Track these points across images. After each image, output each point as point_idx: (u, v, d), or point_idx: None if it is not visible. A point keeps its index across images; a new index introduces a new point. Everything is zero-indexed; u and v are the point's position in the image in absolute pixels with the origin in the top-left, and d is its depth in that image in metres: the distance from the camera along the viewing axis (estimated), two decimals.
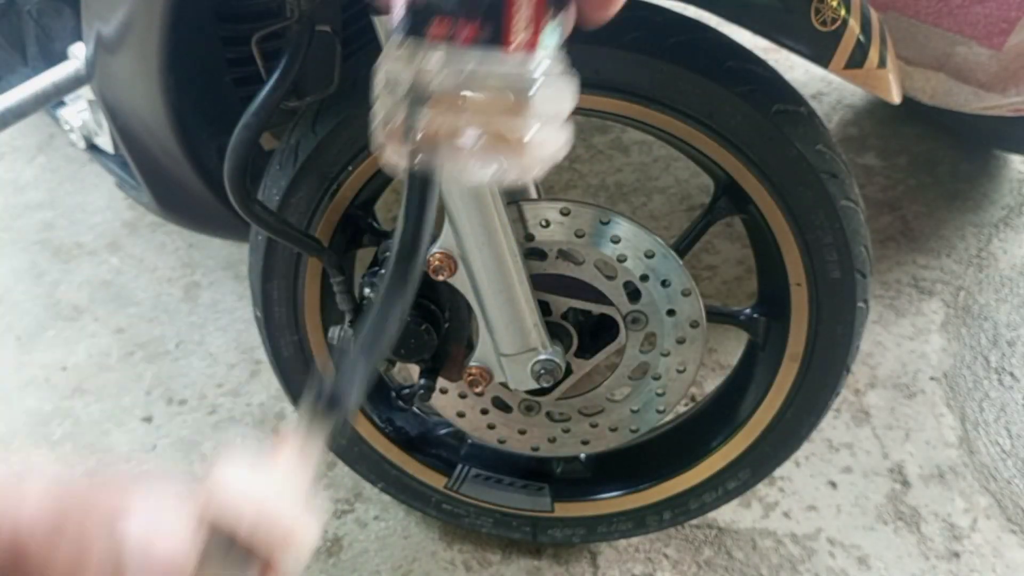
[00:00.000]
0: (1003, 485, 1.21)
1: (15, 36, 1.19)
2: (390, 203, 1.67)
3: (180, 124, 0.93)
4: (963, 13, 1.14)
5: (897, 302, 1.45)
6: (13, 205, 1.75)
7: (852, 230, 0.83)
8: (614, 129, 1.77)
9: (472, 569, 1.17)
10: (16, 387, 1.43)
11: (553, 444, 0.99)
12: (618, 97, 0.79)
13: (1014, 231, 1.54)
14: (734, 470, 1.01)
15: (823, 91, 1.83)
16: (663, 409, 0.94)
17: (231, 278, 1.57)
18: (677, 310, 0.87)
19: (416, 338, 0.87)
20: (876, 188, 1.63)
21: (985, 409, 1.29)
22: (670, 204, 1.63)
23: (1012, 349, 1.36)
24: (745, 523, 1.19)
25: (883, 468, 1.24)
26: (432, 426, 1.12)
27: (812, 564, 1.15)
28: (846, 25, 0.69)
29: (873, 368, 1.36)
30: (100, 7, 0.88)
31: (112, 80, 0.96)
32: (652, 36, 0.77)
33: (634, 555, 1.16)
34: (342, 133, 0.83)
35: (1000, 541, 1.15)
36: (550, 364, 0.86)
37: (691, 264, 1.44)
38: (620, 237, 0.84)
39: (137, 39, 0.86)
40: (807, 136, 0.80)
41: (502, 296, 0.82)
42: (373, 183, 0.89)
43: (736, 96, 0.77)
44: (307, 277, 0.93)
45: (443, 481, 1.09)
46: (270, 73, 0.71)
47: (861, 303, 0.88)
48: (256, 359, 1.43)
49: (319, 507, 0.46)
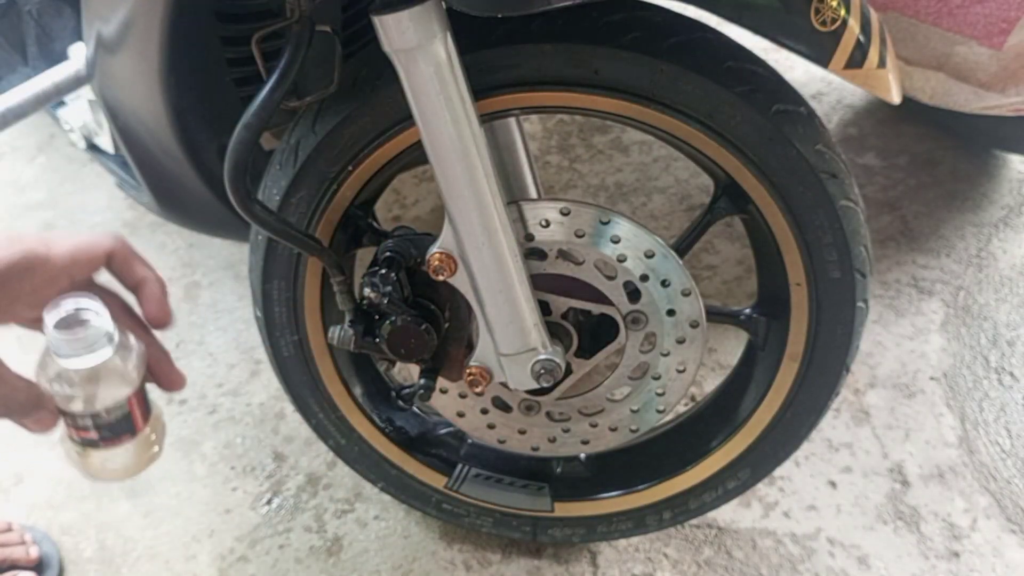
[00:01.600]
0: (1003, 485, 1.21)
1: (15, 36, 1.19)
2: (390, 203, 1.68)
3: (180, 124, 0.93)
4: (963, 13, 1.14)
5: (897, 302, 1.45)
6: (13, 205, 1.75)
7: (852, 230, 0.83)
8: (614, 129, 1.77)
9: (472, 569, 1.17)
10: None
11: (553, 444, 0.99)
12: (618, 97, 0.79)
13: (1014, 231, 1.54)
14: (734, 470, 1.01)
15: (823, 91, 1.83)
16: (663, 409, 0.94)
17: (231, 278, 1.57)
18: (677, 310, 0.87)
19: (416, 338, 0.87)
20: (876, 188, 1.63)
21: (985, 409, 1.30)
22: (670, 204, 1.63)
23: (1012, 349, 1.36)
24: (745, 523, 1.19)
25: (883, 468, 1.24)
26: (432, 426, 1.12)
27: (812, 564, 1.15)
28: (846, 25, 0.69)
29: (873, 368, 1.36)
30: (100, 7, 0.88)
31: (112, 80, 0.96)
32: (652, 36, 0.77)
33: (634, 555, 1.16)
34: (342, 133, 0.83)
35: (1000, 541, 1.15)
36: (550, 364, 0.86)
37: (691, 264, 1.44)
38: (620, 237, 0.84)
39: (137, 39, 0.86)
40: (807, 136, 0.80)
41: (502, 296, 0.82)
42: (373, 183, 0.89)
43: (736, 96, 0.77)
44: (307, 277, 0.93)
45: (443, 481, 1.09)
46: (270, 73, 0.71)
47: (861, 303, 0.88)
48: (256, 359, 1.43)
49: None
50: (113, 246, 0.65)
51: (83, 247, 0.64)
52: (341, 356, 1.01)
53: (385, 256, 0.85)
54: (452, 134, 0.73)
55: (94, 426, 0.63)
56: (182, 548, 1.21)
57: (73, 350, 0.60)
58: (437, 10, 0.68)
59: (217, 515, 1.25)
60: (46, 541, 1.21)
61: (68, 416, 0.63)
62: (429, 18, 0.68)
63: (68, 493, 1.28)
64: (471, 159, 0.75)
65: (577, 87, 0.79)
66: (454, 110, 0.72)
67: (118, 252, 0.66)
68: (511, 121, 0.97)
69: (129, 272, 0.67)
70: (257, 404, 1.38)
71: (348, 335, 0.88)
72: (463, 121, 0.73)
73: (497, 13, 0.67)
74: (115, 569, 1.20)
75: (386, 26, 0.68)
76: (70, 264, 0.63)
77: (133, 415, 0.65)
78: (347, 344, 0.88)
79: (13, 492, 1.29)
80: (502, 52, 0.78)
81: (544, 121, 1.81)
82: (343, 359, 1.02)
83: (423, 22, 0.68)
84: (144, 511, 1.26)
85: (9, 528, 1.19)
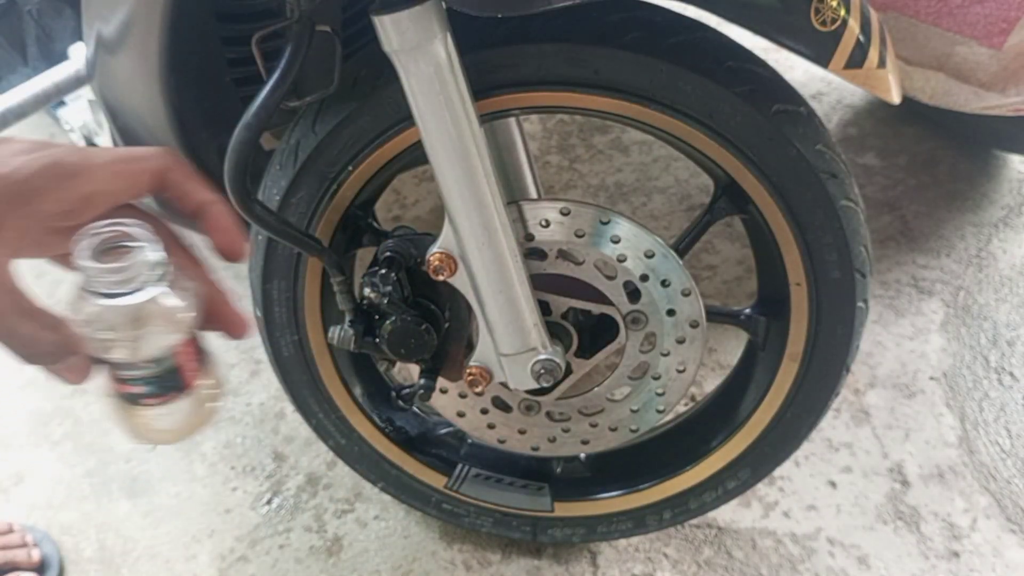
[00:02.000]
0: (1003, 485, 1.21)
1: (15, 36, 1.18)
2: (390, 203, 1.68)
3: (180, 124, 0.93)
4: (963, 13, 1.14)
5: (897, 302, 1.45)
6: None
7: (852, 230, 0.83)
8: (614, 129, 1.77)
9: (472, 569, 1.17)
10: (17, 387, 1.43)
11: (553, 444, 0.99)
12: (618, 97, 0.79)
13: (1014, 231, 1.54)
14: (734, 470, 1.01)
15: (823, 91, 1.83)
16: (663, 409, 0.94)
17: (231, 278, 1.57)
18: (677, 310, 0.87)
19: (416, 338, 0.87)
20: (876, 188, 1.63)
21: (985, 409, 1.30)
22: (670, 204, 1.63)
23: (1012, 349, 1.36)
24: (745, 523, 1.19)
25: (883, 468, 1.24)
26: (432, 426, 1.12)
27: (812, 564, 1.15)
28: (846, 25, 0.69)
29: (873, 368, 1.36)
30: (100, 7, 0.88)
31: (112, 80, 0.96)
32: (652, 36, 0.77)
33: (634, 555, 1.16)
34: (342, 133, 0.83)
35: (1000, 541, 1.15)
36: (550, 364, 0.86)
37: (691, 264, 1.44)
38: (620, 237, 0.84)
39: (137, 39, 0.86)
40: (807, 136, 0.80)
41: (502, 296, 0.82)
42: (373, 183, 0.89)
43: (736, 96, 0.77)
44: (307, 277, 0.93)
45: (443, 481, 1.09)
46: (270, 73, 0.71)
47: (861, 303, 0.88)
48: (256, 359, 1.43)
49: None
50: (165, 162, 0.53)
51: (128, 160, 0.51)
52: (341, 356, 1.01)
53: (385, 256, 0.85)
54: (452, 134, 0.73)
55: (138, 379, 0.53)
56: (182, 548, 1.21)
57: (113, 285, 0.49)
58: (437, 10, 0.68)
59: (217, 515, 1.25)
60: (46, 541, 1.21)
61: (108, 366, 0.52)
62: (429, 18, 0.68)
63: (68, 493, 1.28)
64: (471, 159, 0.75)
65: (577, 87, 0.79)
66: (454, 110, 0.72)
67: (171, 170, 0.53)
68: (511, 121, 0.97)
69: (185, 195, 0.55)
70: (257, 404, 1.38)
71: (348, 335, 0.88)
72: (463, 121, 0.73)
73: (497, 13, 0.67)
74: (115, 569, 1.20)
75: (386, 26, 0.68)
76: (111, 180, 0.50)
77: (184, 367, 0.54)
78: (347, 344, 0.88)
79: (13, 492, 1.29)
80: (502, 52, 0.78)
81: (544, 121, 1.81)
82: (343, 359, 1.02)
83: (423, 22, 0.68)
84: (144, 511, 1.26)
85: (10, 529, 1.19)
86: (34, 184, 0.48)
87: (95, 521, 1.25)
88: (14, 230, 0.47)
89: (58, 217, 0.49)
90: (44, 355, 0.50)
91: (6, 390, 1.43)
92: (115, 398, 0.55)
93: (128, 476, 1.30)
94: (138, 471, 1.31)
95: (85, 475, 1.31)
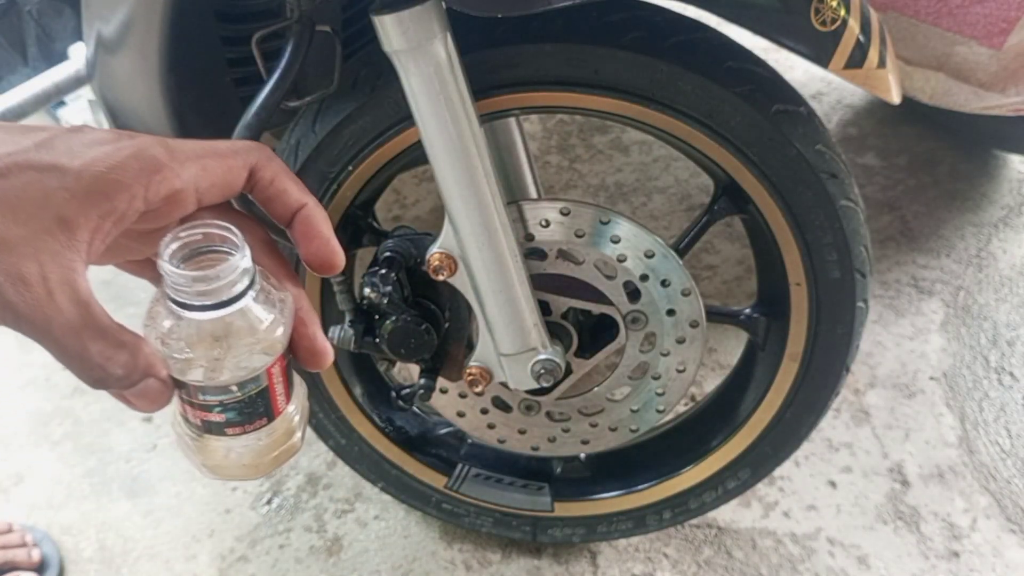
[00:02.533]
0: (1003, 485, 1.21)
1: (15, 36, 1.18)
2: (390, 203, 1.68)
3: (180, 124, 0.93)
4: (963, 13, 1.14)
5: (897, 302, 1.45)
6: None
7: (852, 230, 0.83)
8: (614, 129, 1.77)
9: (472, 569, 1.17)
10: (17, 387, 1.43)
11: (553, 444, 0.99)
12: (618, 97, 0.79)
13: (1014, 231, 1.54)
14: (734, 470, 1.01)
15: (823, 91, 1.83)
16: (663, 409, 0.94)
17: None
18: (677, 310, 0.87)
19: (416, 338, 0.87)
20: (876, 188, 1.63)
21: (985, 409, 1.30)
22: (670, 204, 1.63)
23: (1012, 349, 1.36)
24: (745, 523, 1.19)
25: (883, 468, 1.24)
26: (432, 426, 1.12)
27: (812, 564, 1.15)
28: (846, 25, 0.69)
29: (873, 368, 1.36)
30: (100, 7, 0.88)
31: (112, 80, 0.96)
32: (652, 36, 0.77)
33: (634, 555, 1.16)
34: (342, 133, 0.83)
35: (1000, 541, 1.15)
36: (550, 364, 0.86)
37: (691, 264, 1.44)
38: (620, 237, 0.84)
39: (137, 39, 0.86)
40: (807, 136, 0.80)
41: (502, 296, 0.82)
42: (373, 183, 0.89)
43: (736, 96, 0.77)
44: (307, 277, 0.93)
45: (443, 481, 1.09)
46: (270, 73, 0.71)
47: (861, 303, 0.88)
48: None
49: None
50: (258, 159, 0.46)
51: (221, 154, 0.44)
52: (341, 356, 1.01)
53: (385, 256, 0.85)
54: (452, 134, 0.73)
55: (221, 404, 0.45)
56: (182, 548, 1.21)
57: (200, 296, 0.41)
58: (437, 10, 0.68)
59: (217, 515, 1.25)
60: (46, 541, 1.21)
61: (184, 389, 0.45)
62: (429, 18, 0.68)
63: (68, 493, 1.28)
64: (471, 159, 0.75)
65: (577, 87, 0.79)
66: (454, 110, 0.72)
67: (264, 168, 0.46)
68: (511, 121, 0.97)
69: (278, 195, 0.47)
70: None
71: (348, 335, 0.88)
72: (463, 121, 0.73)
73: (497, 13, 0.67)
74: (115, 569, 1.20)
75: (386, 26, 0.68)
76: (201, 176, 0.43)
77: (273, 391, 0.46)
78: (347, 344, 0.88)
79: (13, 492, 1.29)
80: (502, 52, 0.78)
81: (544, 121, 1.81)
82: (343, 359, 1.02)
83: (423, 22, 0.68)
84: (144, 511, 1.26)
85: (10, 529, 1.19)
86: (113, 179, 0.40)
87: (95, 521, 1.25)
88: (89, 232, 0.39)
89: (140, 218, 0.41)
90: (116, 379, 0.42)
91: (6, 390, 1.43)
92: (189, 426, 0.47)
93: (128, 476, 1.30)
94: (138, 471, 1.31)
95: (85, 475, 1.31)
